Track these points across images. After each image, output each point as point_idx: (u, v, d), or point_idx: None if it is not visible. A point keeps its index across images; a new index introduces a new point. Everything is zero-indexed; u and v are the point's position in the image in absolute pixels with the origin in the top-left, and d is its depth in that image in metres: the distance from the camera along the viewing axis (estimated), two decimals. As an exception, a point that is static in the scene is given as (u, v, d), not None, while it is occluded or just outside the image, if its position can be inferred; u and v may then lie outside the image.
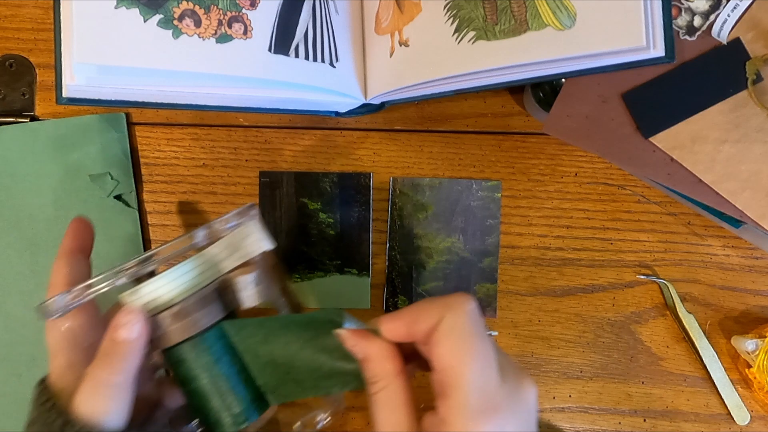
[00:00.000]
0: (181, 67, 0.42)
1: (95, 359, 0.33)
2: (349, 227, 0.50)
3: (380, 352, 0.32)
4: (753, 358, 0.47)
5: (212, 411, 0.35)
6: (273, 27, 0.45)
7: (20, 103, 0.51)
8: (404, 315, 0.32)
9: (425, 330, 0.31)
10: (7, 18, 0.51)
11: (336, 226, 0.50)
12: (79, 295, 0.33)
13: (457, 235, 0.50)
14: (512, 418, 0.29)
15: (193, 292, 0.35)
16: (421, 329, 0.31)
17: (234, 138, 0.51)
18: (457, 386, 0.29)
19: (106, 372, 0.33)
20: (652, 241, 0.51)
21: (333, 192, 0.51)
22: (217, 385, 0.35)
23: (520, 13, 0.42)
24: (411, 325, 0.31)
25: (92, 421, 0.32)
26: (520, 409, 0.30)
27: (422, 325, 0.31)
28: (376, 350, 0.32)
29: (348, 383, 0.34)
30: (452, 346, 0.30)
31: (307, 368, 0.35)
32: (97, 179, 0.50)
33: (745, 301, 0.51)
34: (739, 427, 0.49)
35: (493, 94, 0.51)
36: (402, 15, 0.47)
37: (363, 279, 0.50)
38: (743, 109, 0.43)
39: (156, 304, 0.34)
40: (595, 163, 0.51)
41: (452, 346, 0.30)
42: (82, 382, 0.33)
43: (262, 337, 0.35)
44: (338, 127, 0.51)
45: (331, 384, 0.34)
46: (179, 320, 0.34)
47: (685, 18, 0.43)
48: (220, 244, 0.36)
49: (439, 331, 0.30)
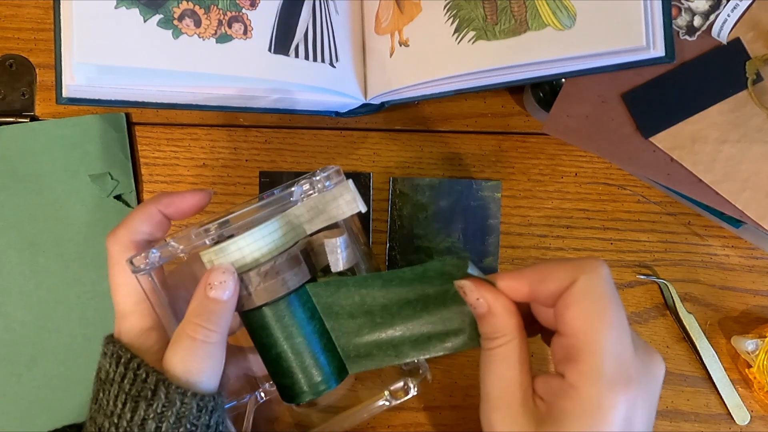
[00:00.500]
0: (181, 67, 0.42)
1: (187, 317, 0.32)
2: (349, 227, 0.51)
3: (506, 306, 0.31)
4: (753, 358, 0.47)
5: (291, 377, 0.34)
6: (273, 27, 0.45)
7: (20, 103, 0.51)
8: (528, 274, 0.31)
9: (553, 291, 0.29)
10: (7, 18, 0.51)
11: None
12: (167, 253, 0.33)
13: (457, 235, 0.50)
14: (642, 392, 0.28)
15: (279, 252, 0.33)
16: (548, 290, 0.30)
17: (234, 138, 0.51)
18: (591, 352, 0.28)
19: (201, 331, 0.31)
20: (652, 241, 0.51)
21: (333, 192, 0.51)
22: (297, 351, 0.34)
23: (520, 13, 0.42)
24: (536, 285, 0.30)
25: (190, 381, 0.31)
26: (650, 384, 0.29)
27: (550, 285, 0.29)
28: (502, 304, 0.31)
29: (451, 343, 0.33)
30: (587, 310, 0.28)
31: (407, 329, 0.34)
32: (97, 179, 0.50)
33: (745, 301, 0.51)
34: (739, 427, 0.49)
35: (493, 94, 0.51)
36: (402, 15, 0.47)
37: (363, 279, 0.50)
38: (743, 109, 0.43)
39: (242, 263, 0.33)
40: (595, 163, 0.51)
41: (587, 309, 0.28)
42: (175, 341, 0.32)
43: (359, 299, 0.34)
44: (338, 127, 0.51)
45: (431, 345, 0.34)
46: (267, 280, 0.33)
47: (685, 18, 0.43)
48: (306, 205, 0.34)
49: (572, 293, 0.29)
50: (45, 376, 0.49)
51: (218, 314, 0.32)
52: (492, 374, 0.31)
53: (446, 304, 0.33)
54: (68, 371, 0.49)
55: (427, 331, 0.34)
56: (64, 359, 0.49)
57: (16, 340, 0.49)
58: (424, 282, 0.33)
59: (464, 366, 0.50)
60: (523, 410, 0.30)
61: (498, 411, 0.30)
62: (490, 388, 0.31)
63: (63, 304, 0.49)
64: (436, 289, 0.33)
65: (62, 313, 0.49)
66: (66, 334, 0.49)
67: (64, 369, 0.49)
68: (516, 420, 0.29)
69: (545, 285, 0.30)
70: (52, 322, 0.49)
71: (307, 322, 0.34)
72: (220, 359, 0.33)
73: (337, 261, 0.34)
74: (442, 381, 0.50)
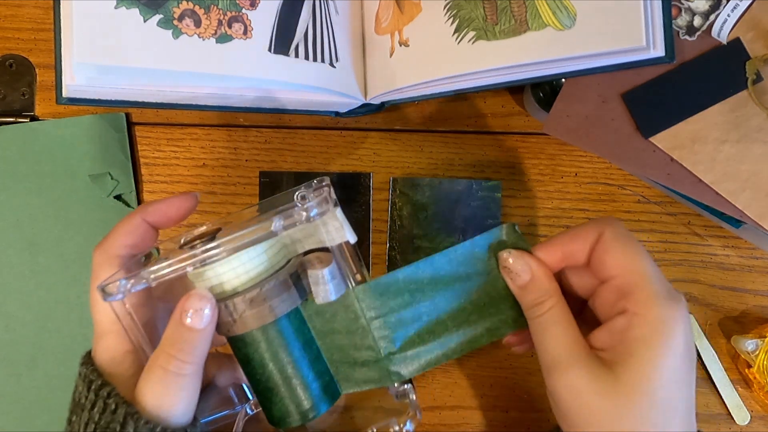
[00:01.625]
0: (181, 67, 0.42)
1: (161, 346, 0.31)
2: (349, 227, 0.50)
3: (546, 270, 0.33)
4: (753, 358, 0.47)
5: (279, 402, 0.33)
6: (273, 27, 0.45)
7: (20, 103, 0.51)
8: (557, 240, 0.34)
9: (585, 247, 0.33)
10: (7, 18, 0.51)
11: (336, 226, 0.50)
12: (142, 279, 0.30)
13: (457, 235, 0.50)
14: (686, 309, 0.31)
15: (268, 275, 0.32)
16: (579, 248, 0.33)
17: (234, 138, 0.51)
18: (644, 280, 0.31)
19: (173, 363, 0.30)
20: (652, 241, 0.51)
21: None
22: (286, 376, 0.32)
23: (520, 13, 0.42)
24: (568, 246, 0.33)
25: (160, 415, 0.30)
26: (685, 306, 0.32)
27: (581, 243, 0.33)
28: (543, 268, 0.33)
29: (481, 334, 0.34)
30: (625, 250, 0.32)
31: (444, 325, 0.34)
32: (97, 179, 0.50)
33: (745, 301, 0.50)
34: (739, 427, 0.49)
35: (493, 94, 0.51)
36: (402, 15, 0.47)
37: (363, 279, 0.50)
38: (743, 109, 0.43)
39: (223, 289, 0.31)
40: (595, 163, 0.51)
41: (625, 250, 0.32)
42: (147, 371, 0.30)
43: (355, 317, 0.33)
44: (338, 127, 0.51)
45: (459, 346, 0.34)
46: (254, 307, 0.31)
47: (685, 18, 0.43)
48: (295, 230, 0.32)
49: (605, 241, 0.32)
50: (45, 376, 0.49)
51: (193, 344, 0.30)
52: (551, 338, 0.32)
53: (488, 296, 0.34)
54: (68, 371, 0.49)
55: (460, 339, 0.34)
56: (64, 359, 0.49)
57: (16, 340, 0.49)
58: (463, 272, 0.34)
59: (464, 366, 0.50)
60: (594, 361, 0.31)
61: (570, 371, 0.31)
62: (554, 352, 0.31)
63: (63, 304, 0.49)
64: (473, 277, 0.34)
65: (62, 313, 0.49)
66: (66, 334, 0.49)
67: (64, 369, 0.49)
68: (592, 370, 0.30)
69: (576, 244, 0.33)
70: (52, 322, 0.49)
71: (297, 344, 0.33)
72: (195, 390, 0.31)
73: (324, 293, 0.32)
74: (442, 381, 0.50)
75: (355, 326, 0.33)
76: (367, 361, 0.34)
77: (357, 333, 0.34)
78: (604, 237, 0.32)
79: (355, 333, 0.34)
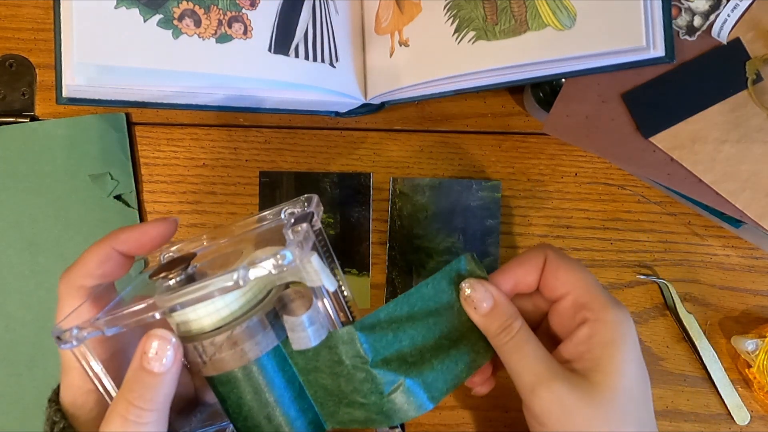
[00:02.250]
0: (181, 67, 0.42)
1: (121, 391, 0.29)
2: (349, 227, 0.50)
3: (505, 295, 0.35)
4: (753, 358, 0.47)
5: None
6: (273, 27, 0.45)
7: (20, 103, 0.51)
8: (507, 268, 0.36)
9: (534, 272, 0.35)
10: (7, 18, 0.51)
11: (336, 226, 0.50)
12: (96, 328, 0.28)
13: (457, 235, 0.50)
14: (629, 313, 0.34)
15: (243, 312, 0.30)
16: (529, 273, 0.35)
17: (234, 138, 0.51)
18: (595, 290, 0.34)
19: (132, 411, 0.28)
20: (652, 241, 0.51)
21: (333, 192, 0.51)
22: (266, 413, 0.30)
23: (520, 13, 0.42)
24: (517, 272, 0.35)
25: None
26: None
27: (530, 267, 0.35)
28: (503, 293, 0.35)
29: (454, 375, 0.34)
30: (572, 268, 0.34)
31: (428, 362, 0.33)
32: (97, 179, 0.50)
33: (745, 301, 0.50)
34: (739, 427, 0.49)
35: (493, 94, 0.51)
36: (402, 15, 0.47)
37: (363, 279, 0.50)
38: (743, 109, 0.43)
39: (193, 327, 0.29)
40: (595, 163, 0.51)
41: (571, 268, 0.35)
42: (107, 419, 0.28)
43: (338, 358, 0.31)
44: (338, 127, 0.51)
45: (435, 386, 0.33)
46: (224, 351, 0.29)
47: (685, 18, 0.43)
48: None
49: (552, 262, 0.35)
50: (45, 376, 0.49)
51: (154, 389, 0.28)
52: (527, 357, 0.33)
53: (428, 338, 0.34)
54: (68, 371, 0.49)
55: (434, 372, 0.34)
56: (64, 359, 0.49)
57: (16, 340, 0.49)
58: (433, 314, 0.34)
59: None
60: (568, 373, 0.32)
61: (554, 383, 0.32)
62: (535, 369, 0.32)
63: (63, 304, 0.49)
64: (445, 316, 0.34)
65: (62, 313, 0.49)
66: (66, 334, 0.49)
67: (64, 369, 0.49)
68: (571, 381, 0.31)
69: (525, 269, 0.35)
70: (52, 322, 0.49)
71: (277, 382, 0.31)
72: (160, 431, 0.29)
73: (303, 339, 0.30)
74: (442, 381, 0.50)
75: (339, 368, 0.32)
76: (352, 402, 0.32)
77: (342, 375, 0.32)
78: (549, 259, 0.35)
79: (340, 375, 0.32)
